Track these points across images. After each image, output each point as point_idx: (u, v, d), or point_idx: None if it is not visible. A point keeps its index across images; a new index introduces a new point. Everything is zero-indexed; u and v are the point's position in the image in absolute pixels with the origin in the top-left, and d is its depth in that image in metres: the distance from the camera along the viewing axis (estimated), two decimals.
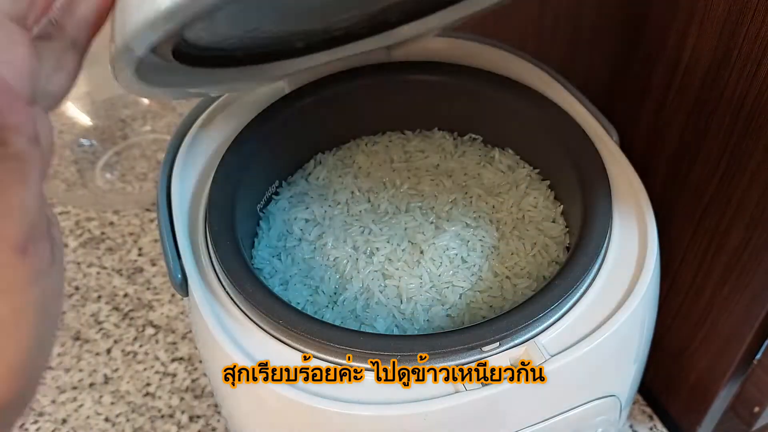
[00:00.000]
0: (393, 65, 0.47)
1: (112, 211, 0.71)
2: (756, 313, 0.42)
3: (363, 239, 0.41)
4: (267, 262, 0.41)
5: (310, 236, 0.42)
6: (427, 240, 0.41)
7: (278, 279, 0.40)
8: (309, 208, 0.44)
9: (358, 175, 0.46)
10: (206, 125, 0.45)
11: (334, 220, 0.43)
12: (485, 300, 0.39)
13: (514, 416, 0.34)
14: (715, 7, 0.37)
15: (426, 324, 0.38)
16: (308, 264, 0.41)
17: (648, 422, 0.54)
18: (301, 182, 0.46)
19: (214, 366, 0.37)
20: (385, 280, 0.39)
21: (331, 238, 0.42)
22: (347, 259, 0.40)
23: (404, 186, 0.45)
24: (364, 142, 0.48)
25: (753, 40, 0.36)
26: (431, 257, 0.40)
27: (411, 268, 0.40)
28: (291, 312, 0.33)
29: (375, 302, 0.38)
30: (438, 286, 0.39)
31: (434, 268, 0.40)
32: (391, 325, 0.38)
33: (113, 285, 0.64)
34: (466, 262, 0.40)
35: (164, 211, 0.40)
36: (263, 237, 0.43)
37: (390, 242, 0.41)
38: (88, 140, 0.74)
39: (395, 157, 0.47)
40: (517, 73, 0.46)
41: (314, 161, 0.47)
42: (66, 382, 0.58)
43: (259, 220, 0.43)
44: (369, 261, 0.40)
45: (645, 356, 0.41)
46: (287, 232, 0.43)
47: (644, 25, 0.43)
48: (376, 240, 0.41)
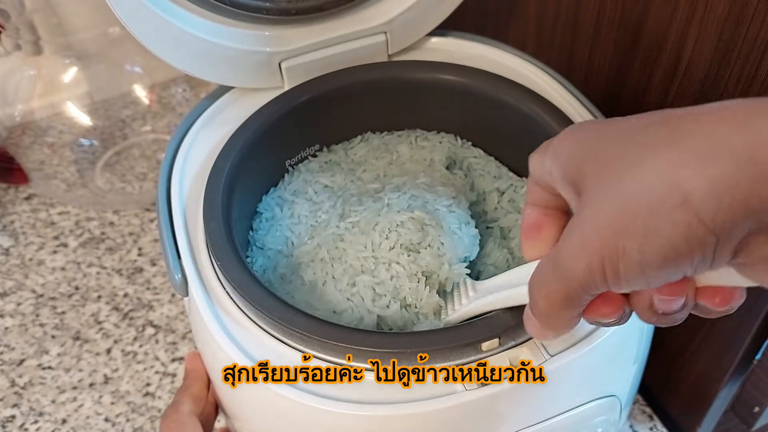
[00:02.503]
0: (393, 65, 0.47)
1: (112, 211, 0.71)
2: (756, 313, 0.42)
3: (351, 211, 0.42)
4: (268, 208, 0.43)
5: (318, 199, 0.43)
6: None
7: (270, 224, 0.42)
8: (334, 176, 0.45)
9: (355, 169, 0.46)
10: (206, 125, 0.45)
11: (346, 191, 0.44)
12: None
13: (514, 416, 0.34)
14: (714, 7, 0.37)
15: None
16: (301, 220, 0.42)
17: (648, 422, 0.54)
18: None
19: (214, 366, 0.37)
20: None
21: (330, 210, 0.42)
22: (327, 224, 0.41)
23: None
24: (365, 139, 0.48)
25: (753, 40, 0.36)
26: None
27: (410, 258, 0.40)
28: (290, 311, 0.33)
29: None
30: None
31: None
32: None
33: (113, 285, 0.64)
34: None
35: (164, 211, 0.40)
36: (279, 187, 0.45)
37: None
38: (88, 140, 0.74)
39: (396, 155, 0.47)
40: (517, 73, 0.46)
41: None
42: (66, 381, 0.58)
43: (285, 172, 0.46)
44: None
45: (645, 356, 0.41)
46: (302, 191, 0.44)
47: (644, 25, 0.43)
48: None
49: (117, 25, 0.69)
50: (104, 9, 0.39)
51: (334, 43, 0.46)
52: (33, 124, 0.73)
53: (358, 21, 0.46)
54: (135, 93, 0.76)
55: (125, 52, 0.73)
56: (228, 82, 0.46)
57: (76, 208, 0.71)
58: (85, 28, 0.71)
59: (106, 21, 0.69)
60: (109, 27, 0.70)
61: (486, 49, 0.48)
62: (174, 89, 0.77)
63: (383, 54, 0.48)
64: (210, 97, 0.46)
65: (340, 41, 0.46)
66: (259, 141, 0.42)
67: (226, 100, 0.46)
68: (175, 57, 0.42)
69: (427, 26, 0.48)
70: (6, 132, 0.71)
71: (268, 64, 0.45)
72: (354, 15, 0.46)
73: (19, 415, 0.56)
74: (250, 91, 0.46)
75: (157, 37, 0.41)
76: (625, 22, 0.45)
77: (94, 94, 0.75)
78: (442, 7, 0.48)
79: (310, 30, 0.45)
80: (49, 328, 0.61)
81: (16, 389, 0.57)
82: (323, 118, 0.46)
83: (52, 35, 0.69)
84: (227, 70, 0.44)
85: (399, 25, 0.47)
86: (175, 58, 0.42)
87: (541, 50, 0.54)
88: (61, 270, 0.66)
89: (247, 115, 0.43)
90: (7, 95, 0.71)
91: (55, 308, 0.63)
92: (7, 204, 0.72)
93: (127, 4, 0.39)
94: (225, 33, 0.43)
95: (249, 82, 0.46)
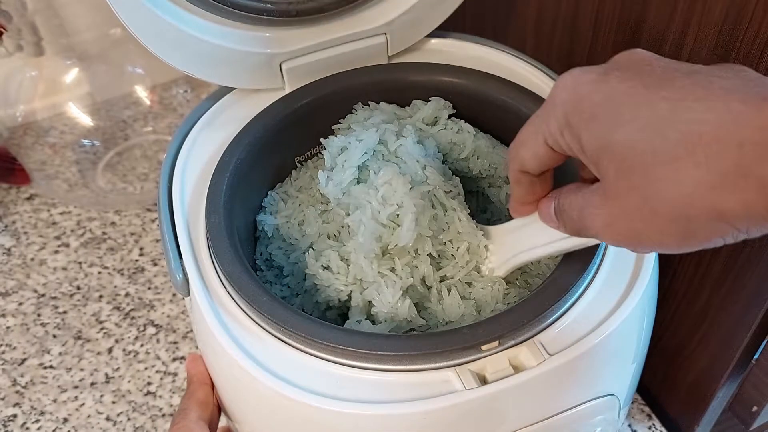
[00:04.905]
0: (392, 66, 0.47)
1: (113, 211, 0.71)
2: (754, 313, 0.42)
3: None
4: (273, 203, 0.44)
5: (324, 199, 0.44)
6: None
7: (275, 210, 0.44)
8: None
9: None
10: (207, 126, 0.45)
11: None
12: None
13: (513, 416, 0.34)
14: (712, 8, 0.37)
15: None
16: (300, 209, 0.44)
17: (647, 421, 0.55)
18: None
19: (215, 366, 0.38)
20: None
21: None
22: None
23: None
24: None
25: (751, 41, 0.36)
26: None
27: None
28: (291, 313, 0.33)
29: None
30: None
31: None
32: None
33: (114, 285, 0.65)
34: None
35: (165, 211, 0.40)
36: (285, 183, 0.46)
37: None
38: (89, 141, 0.74)
39: None
40: (517, 74, 0.46)
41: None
42: (67, 381, 0.58)
43: (292, 168, 0.47)
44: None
45: (644, 355, 0.41)
46: (307, 187, 0.45)
47: (642, 26, 0.43)
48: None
49: (118, 27, 0.69)
50: (106, 10, 0.39)
51: (335, 44, 0.46)
52: (35, 125, 0.73)
53: (359, 22, 0.46)
54: (136, 94, 0.76)
55: (127, 53, 0.73)
56: (229, 83, 0.46)
57: (77, 208, 0.71)
58: (87, 29, 0.71)
59: (107, 22, 0.70)
60: (110, 28, 0.70)
61: (485, 51, 0.49)
62: (175, 90, 0.77)
63: (383, 55, 0.48)
64: (211, 98, 0.46)
65: (340, 42, 0.46)
66: (266, 138, 0.43)
67: (227, 101, 0.46)
68: (176, 58, 0.43)
69: (427, 27, 0.48)
70: (8, 132, 0.72)
71: (268, 65, 0.45)
72: (354, 16, 0.46)
73: (20, 414, 0.56)
74: (251, 92, 0.47)
75: (159, 38, 0.41)
76: (623, 23, 0.45)
77: (95, 95, 0.75)
78: (442, 8, 0.48)
79: (310, 31, 0.45)
80: (51, 327, 0.62)
81: (18, 388, 0.57)
82: (331, 119, 0.46)
83: (54, 36, 0.70)
84: (228, 72, 0.45)
85: (399, 26, 0.47)
86: (176, 59, 0.43)
87: (540, 51, 0.55)
88: (63, 270, 0.66)
89: (248, 116, 0.43)
90: (9, 96, 0.71)
91: (57, 308, 0.63)
92: (9, 204, 0.72)
93: (129, 5, 0.39)
94: (226, 34, 0.43)
95: (250, 83, 0.46)
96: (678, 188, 0.23)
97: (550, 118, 0.28)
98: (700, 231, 0.23)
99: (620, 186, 0.25)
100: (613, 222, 0.26)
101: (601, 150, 0.25)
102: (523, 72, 0.47)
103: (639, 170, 0.24)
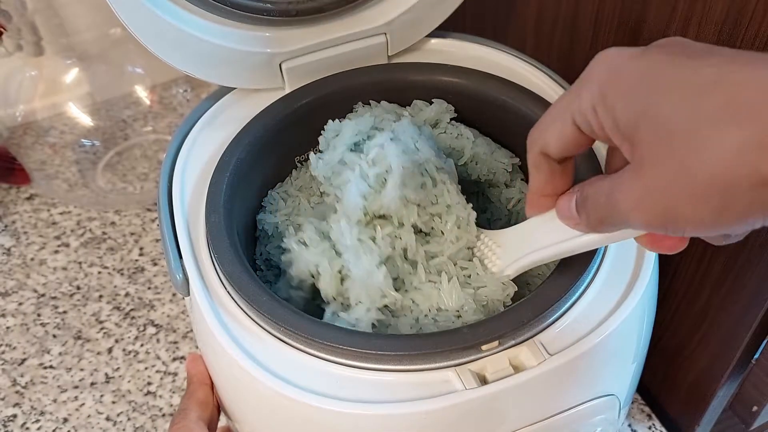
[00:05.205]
0: (392, 66, 0.47)
1: (113, 211, 0.71)
2: (754, 313, 0.42)
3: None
4: (273, 202, 0.44)
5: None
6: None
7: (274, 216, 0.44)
8: None
9: None
10: (207, 126, 0.45)
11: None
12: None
13: (513, 415, 0.34)
14: (713, 8, 0.37)
15: None
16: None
17: (647, 421, 0.55)
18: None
19: (215, 366, 0.38)
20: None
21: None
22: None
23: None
24: None
25: (751, 41, 0.36)
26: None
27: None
28: (291, 313, 0.33)
29: None
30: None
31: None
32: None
33: (114, 284, 0.65)
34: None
35: (165, 211, 0.40)
36: (286, 182, 0.46)
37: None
38: (89, 140, 0.74)
39: None
40: (517, 74, 0.46)
41: None
42: (67, 381, 0.58)
43: (293, 168, 0.47)
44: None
45: (644, 355, 0.41)
46: (307, 186, 0.46)
47: (642, 26, 0.43)
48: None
49: (118, 26, 0.69)
50: (106, 10, 0.39)
51: (335, 44, 0.46)
52: (35, 125, 0.73)
53: (359, 22, 0.46)
54: (136, 93, 0.76)
55: (126, 53, 0.73)
56: (229, 83, 0.46)
57: (77, 208, 0.71)
58: (87, 29, 0.71)
59: (107, 22, 0.70)
60: (110, 28, 0.70)
61: (485, 51, 0.49)
62: (175, 90, 0.77)
63: (383, 55, 0.48)
64: (211, 98, 0.46)
65: (340, 42, 0.46)
66: (266, 138, 0.43)
67: (227, 101, 0.46)
68: (176, 58, 0.43)
69: (427, 27, 0.48)
70: (8, 132, 0.72)
71: (268, 65, 0.45)
72: (354, 16, 0.46)
73: (20, 414, 0.56)
74: (251, 92, 0.47)
75: (158, 38, 0.41)
76: (623, 23, 0.45)
77: (95, 95, 0.75)
78: (442, 8, 0.48)
79: (310, 31, 0.46)
80: (51, 327, 0.62)
81: (18, 388, 0.57)
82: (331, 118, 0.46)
83: (54, 36, 0.70)
84: (228, 71, 0.45)
85: (399, 26, 0.47)
86: (176, 59, 0.43)
87: (540, 51, 0.55)
88: (63, 270, 0.66)
89: (247, 116, 0.43)
90: (9, 95, 0.71)
91: (57, 308, 0.63)
92: (9, 204, 0.72)
93: (129, 5, 0.39)
94: (226, 34, 0.43)
95: (250, 83, 0.46)
96: (720, 151, 0.22)
97: (582, 93, 0.27)
98: (739, 201, 0.22)
99: (659, 153, 0.24)
100: (645, 197, 0.24)
101: (639, 117, 0.24)
102: (523, 72, 0.47)
103: (679, 134, 0.23)
